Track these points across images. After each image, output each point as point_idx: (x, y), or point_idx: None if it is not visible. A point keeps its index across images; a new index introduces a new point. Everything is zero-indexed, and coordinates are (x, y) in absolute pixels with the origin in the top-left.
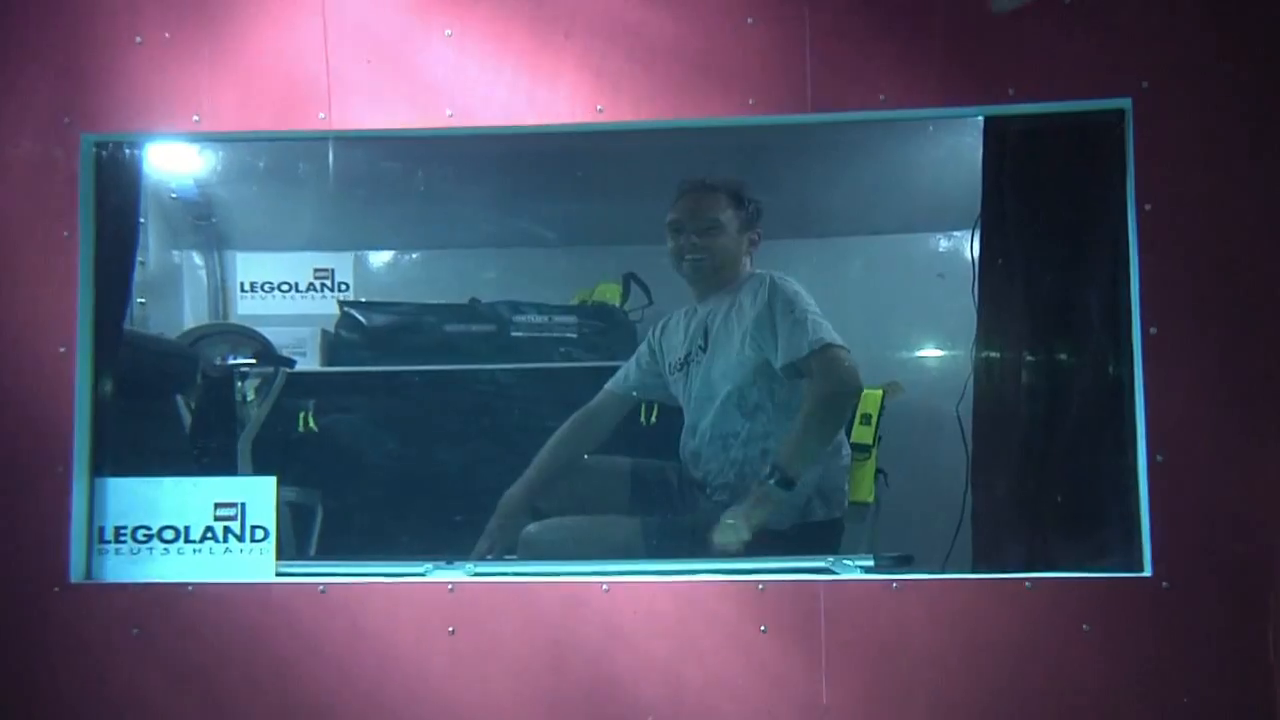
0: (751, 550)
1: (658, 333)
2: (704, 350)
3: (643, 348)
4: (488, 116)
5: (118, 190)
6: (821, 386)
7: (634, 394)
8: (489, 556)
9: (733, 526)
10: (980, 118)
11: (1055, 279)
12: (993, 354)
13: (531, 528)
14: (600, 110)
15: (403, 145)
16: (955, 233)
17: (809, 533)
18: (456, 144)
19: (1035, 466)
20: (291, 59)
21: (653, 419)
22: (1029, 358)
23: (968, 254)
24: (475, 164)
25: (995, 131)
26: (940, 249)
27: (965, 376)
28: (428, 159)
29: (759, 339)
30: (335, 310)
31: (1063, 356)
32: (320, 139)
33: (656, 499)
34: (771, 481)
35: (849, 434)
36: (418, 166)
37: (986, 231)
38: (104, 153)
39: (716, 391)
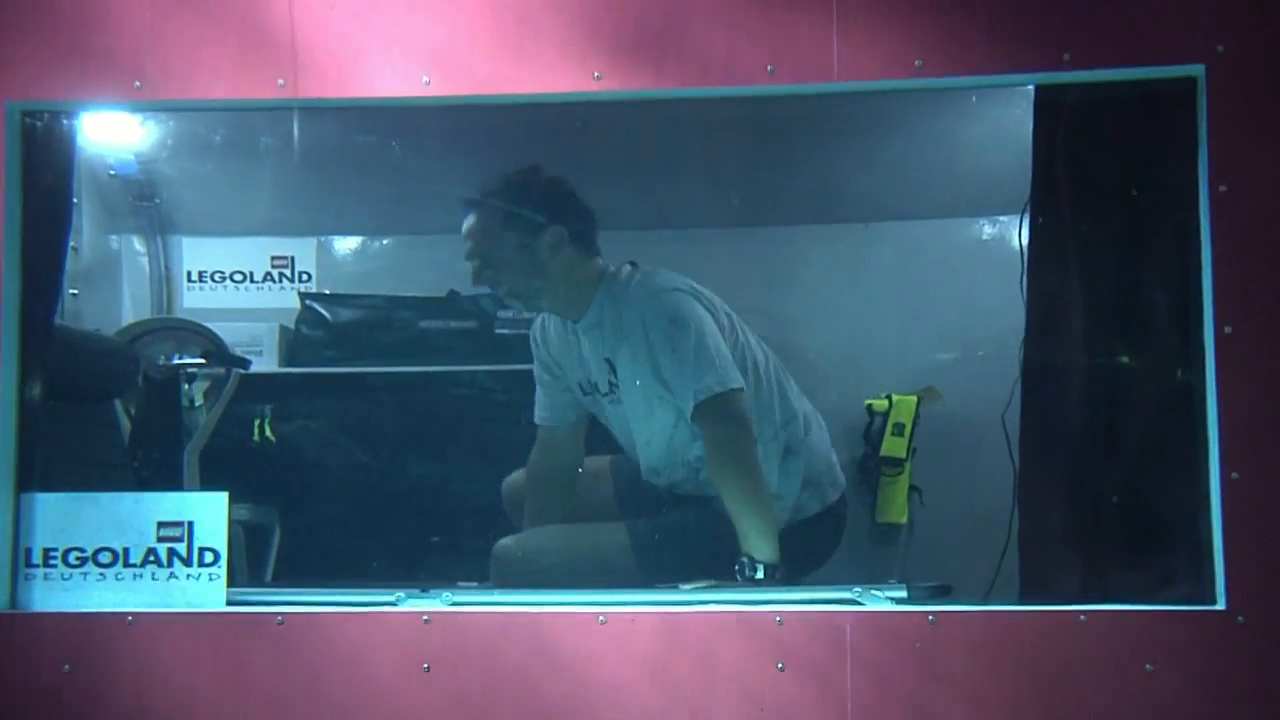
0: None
1: (540, 345)
2: (616, 387)
3: (536, 366)
4: (470, 84)
5: (48, 166)
6: (712, 454)
7: (571, 420)
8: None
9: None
10: (1030, 87)
11: (1115, 271)
12: (1043, 356)
13: (506, 542)
14: (598, 77)
15: (374, 116)
16: (1001, 218)
17: (808, 530)
18: (434, 115)
19: (1091, 484)
20: (247, 17)
21: None
22: (1085, 360)
23: (1015, 242)
24: (455, 138)
25: (1048, 103)
26: (983, 236)
27: (1012, 381)
28: (402, 132)
29: (658, 382)
30: (295, 303)
31: (1123, 359)
32: (280, 109)
33: (644, 495)
34: (759, 576)
35: (879, 446)
36: (390, 141)
37: (1037, 216)
38: (33, 123)
39: (656, 420)
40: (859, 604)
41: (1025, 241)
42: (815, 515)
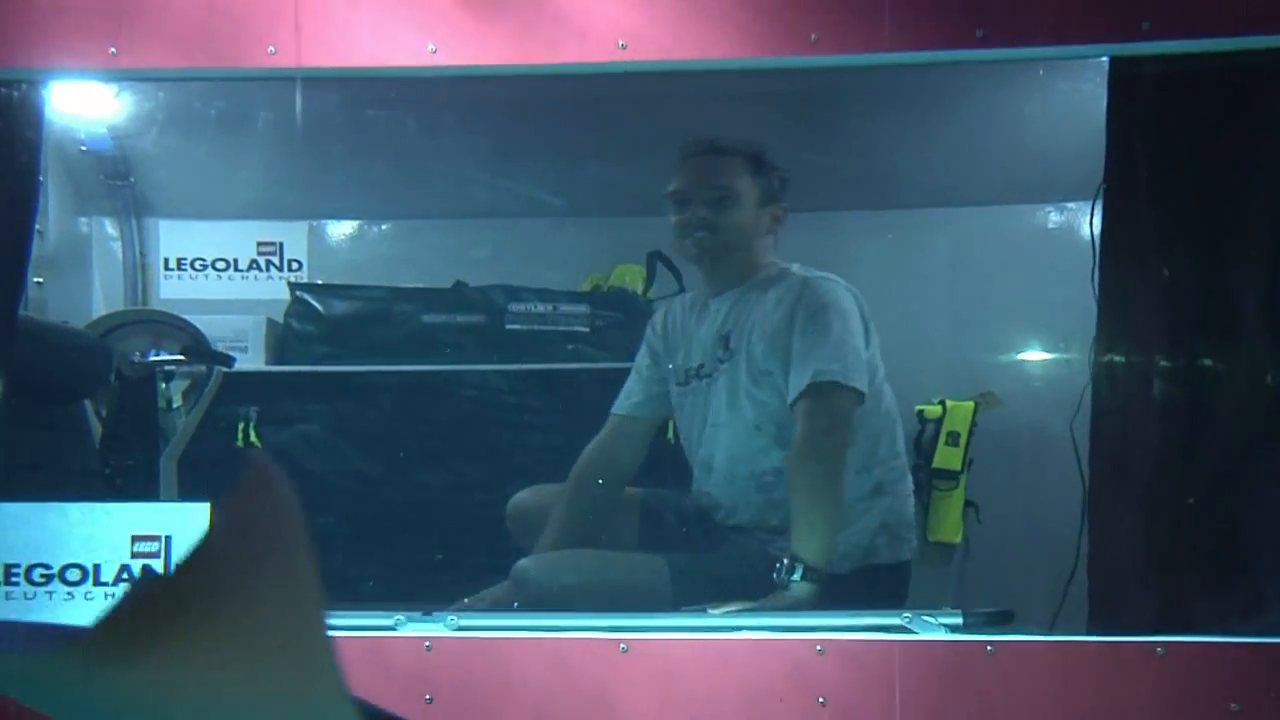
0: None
1: (658, 331)
2: (722, 362)
3: (642, 353)
4: (480, 54)
5: (13, 141)
6: (800, 441)
7: (653, 415)
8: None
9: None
10: (1104, 60)
11: (1198, 263)
12: (1117, 357)
13: (525, 563)
14: (623, 47)
15: (373, 88)
16: (1069, 204)
17: (873, 579)
18: (441, 88)
19: (1171, 500)
20: None
21: (670, 436)
22: (1164, 363)
23: (1085, 231)
24: (464, 113)
25: (1124, 76)
26: (1049, 224)
27: (1081, 386)
28: (404, 106)
29: (777, 359)
30: (284, 295)
31: (1207, 362)
32: (269, 79)
33: (671, 539)
34: (795, 578)
35: (931, 457)
36: (391, 115)
37: (1111, 203)
38: None
39: (740, 416)
40: (909, 632)
41: (1097, 231)
42: (885, 566)
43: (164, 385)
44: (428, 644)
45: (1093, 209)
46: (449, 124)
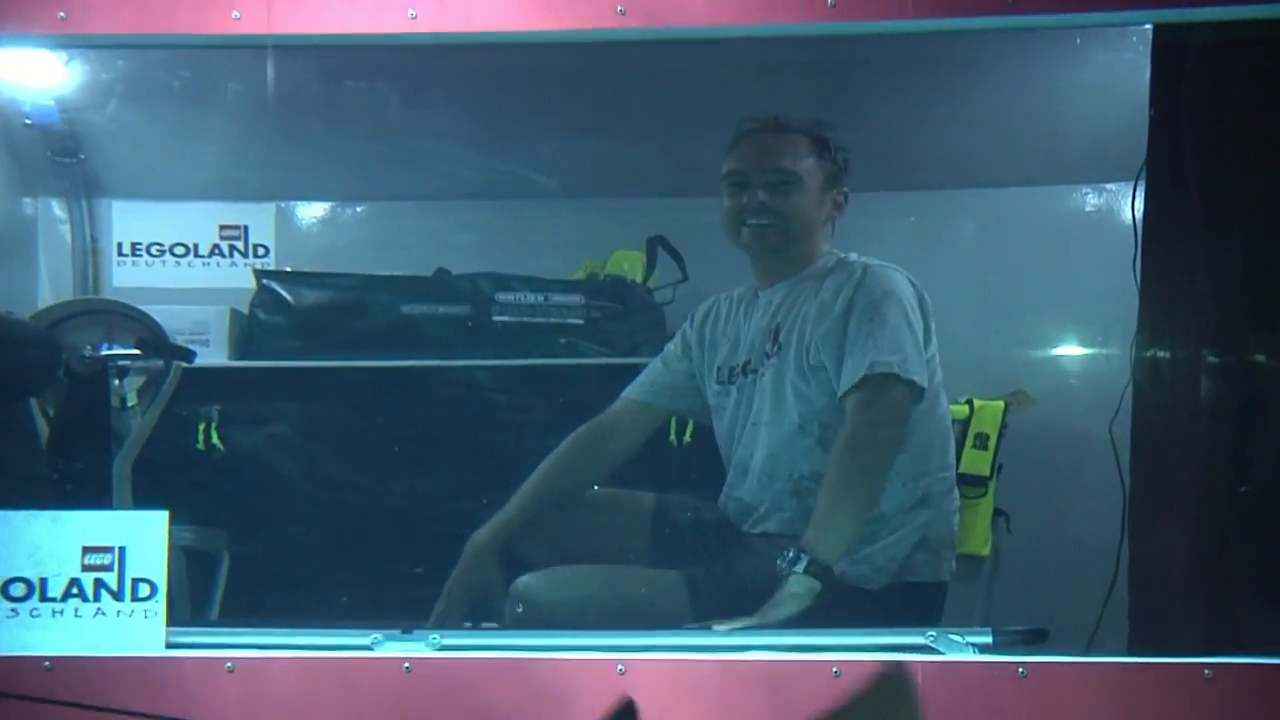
0: (828, 615)
1: (697, 324)
2: (770, 357)
3: (675, 343)
4: (463, 20)
5: None
6: (848, 434)
7: (665, 406)
8: (465, 625)
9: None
10: (1148, 27)
11: (1251, 249)
12: (1161, 352)
13: (528, 579)
14: (621, 13)
15: (348, 57)
16: (1109, 185)
17: (907, 597)
18: (422, 57)
19: (1219, 508)
20: None
21: (686, 438)
22: (1212, 358)
23: (1126, 214)
24: (447, 85)
25: (1168, 46)
26: (1087, 207)
27: (1121, 384)
28: (382, 77)
29: (830, 350)
30: (250, 283)
31: (1259, 357)
32: (234, 47)
33: (689, 552)
34: (799, 570)
35: (957, 461)
36: (367, 87)
37: (1154, 184)
38: None
39: (785, 415)
40: (934, 652)
41: (1139, 214)
42: (923, 585)
43: (117, 382)
44: (407, 665)
45: (1134, 190)
46: (431, 96)
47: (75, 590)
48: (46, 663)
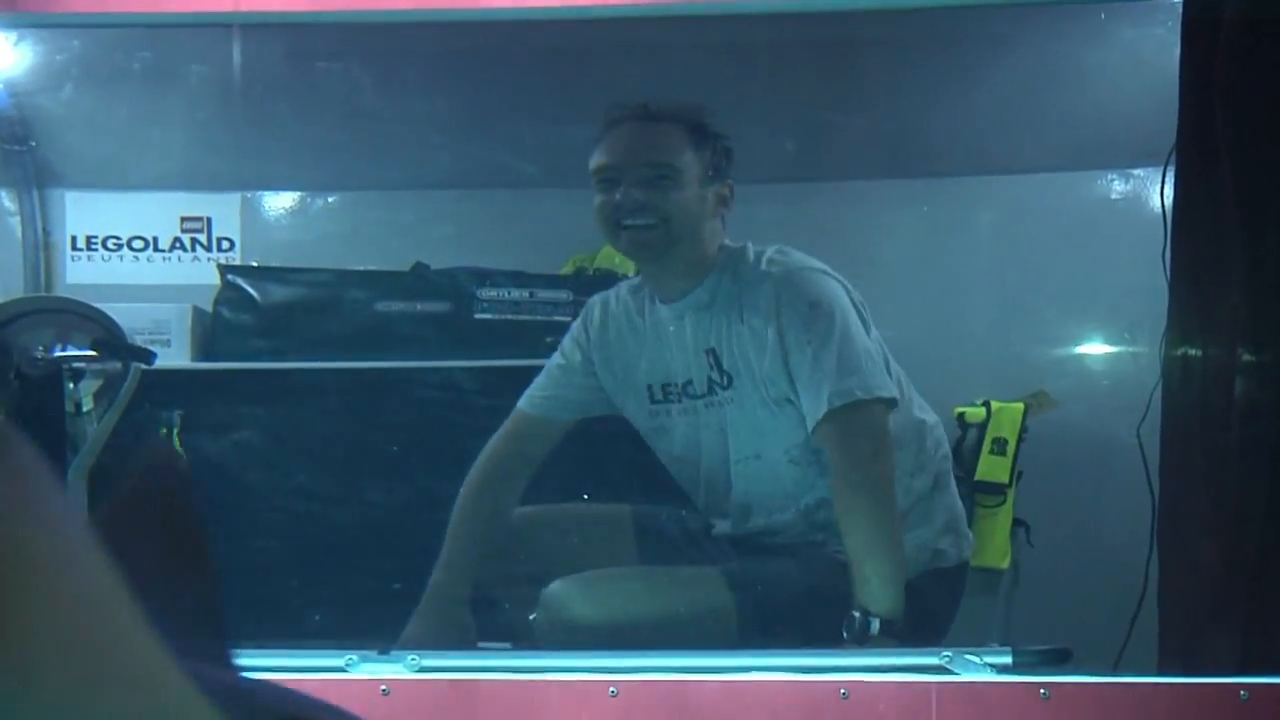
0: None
1: (594, 334)
2: (723, 388)
3: (570, 353)
4: None
5: None
6: (842, 477)
7: (570, 419)
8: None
9: None
10: (1178, 1)
11: None
12: (1192, 351)
13: (558, 586)
14: None
15: (318, 37)
16: (1136, 171)
17: (937, 581)
18: (397, 37)
19: (1255, 519)
20: None
21: None
22: (1247, 358)
23: (1155, 202)
24: (424, 66)
25: (1200, 21)
26: (1112, 195)
27: (1150, 385)
28: (354, 58)
29: (784, 384)
30: (214, 279)
31: None
32: (196, 26)
33: (674, 561)
34: (873, 632)
35: (974, 468)
36: (339, 69)
37: (1185, 169)
38: None
39: (767, 451)
40: (949, 673)
41: (1168, 202)
42: (951, 569)
43: (72, 385)
44: (384, 688)
45: (1163, 176)
46: (407, 79)
47: None
48: None
